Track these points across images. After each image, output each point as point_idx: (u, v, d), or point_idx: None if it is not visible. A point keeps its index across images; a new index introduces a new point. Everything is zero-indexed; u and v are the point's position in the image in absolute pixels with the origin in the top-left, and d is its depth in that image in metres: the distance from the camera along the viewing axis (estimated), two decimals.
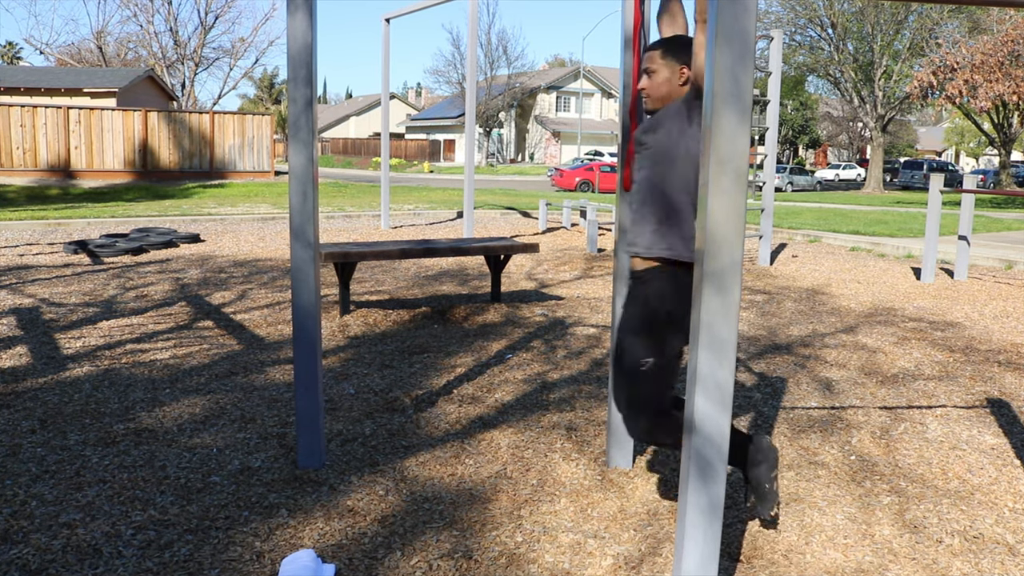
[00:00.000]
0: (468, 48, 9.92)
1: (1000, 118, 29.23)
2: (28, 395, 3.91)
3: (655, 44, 2.59)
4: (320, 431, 3.10)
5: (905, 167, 37.74)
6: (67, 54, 42.04)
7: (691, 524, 2.05)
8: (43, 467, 3.07)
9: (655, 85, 2.57)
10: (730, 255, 1.93)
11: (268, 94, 70.04)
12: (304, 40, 2.88)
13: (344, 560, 2.46)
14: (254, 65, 60.34)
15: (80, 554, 2.45)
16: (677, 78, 2.54)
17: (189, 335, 5.20)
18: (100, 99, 26.10)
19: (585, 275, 8.08)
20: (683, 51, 2.54)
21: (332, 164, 47.75)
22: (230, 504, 2.80)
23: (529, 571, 2.42)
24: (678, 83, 2.54)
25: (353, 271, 5.83)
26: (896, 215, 17.04)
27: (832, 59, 32.24)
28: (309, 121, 2.93)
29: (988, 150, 53.00)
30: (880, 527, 2.77)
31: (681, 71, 2.53)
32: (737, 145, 1.90)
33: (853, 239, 11.43)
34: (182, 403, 3.85)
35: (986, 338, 5.64)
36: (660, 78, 2.56)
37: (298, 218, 2.97)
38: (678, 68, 2.53)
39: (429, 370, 4.52)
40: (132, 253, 8.81)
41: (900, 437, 3.65)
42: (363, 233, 11.49)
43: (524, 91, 50.17)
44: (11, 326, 5.33)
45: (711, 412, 1.99)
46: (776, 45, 9.18)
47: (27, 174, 21.62)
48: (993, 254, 9.67)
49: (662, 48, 2.57)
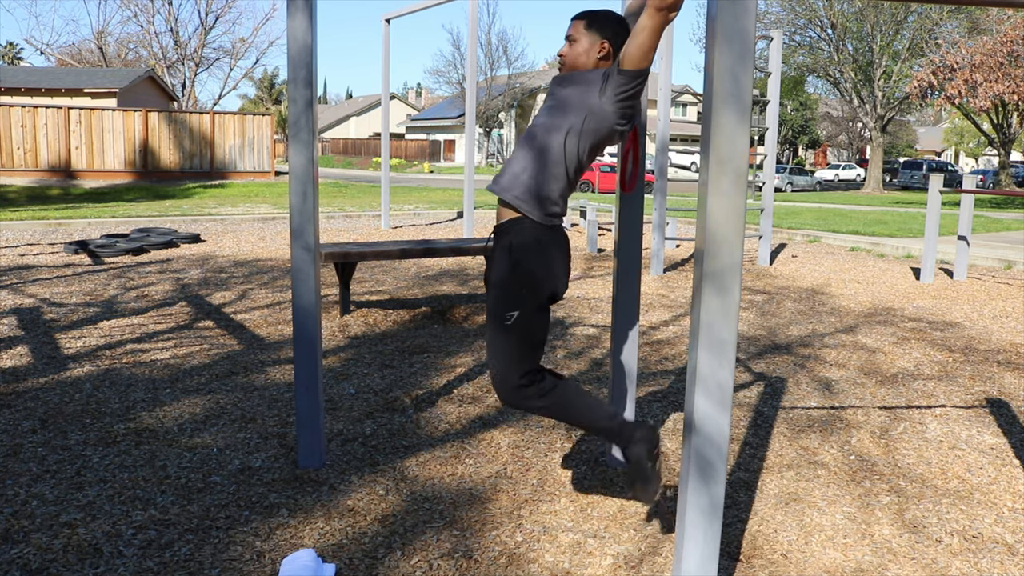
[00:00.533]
0: (468, 48, 9.93)
1: (999, 118, 29.24)
2: (29, 395, 3.92)
3: (582, 14, 2.61)
4: (320, 431, 3.10)
5: (904, 167, 37.74)
6: (68, 54, 42.07)
7: (691, 524, 2.06)
8: (44, 467, 3.07)
9: (573, 54, 2.59)
10: (730, 255, 1.93)
11: (268, 94, 70.06)
12: (304, 40, 2.88)
13: (344, 560, 2.46)
14: (254, 65, 60.36)
15: (81, 554, 2.45)
16: (596, 51, 2.56)
17: (189, 335, 5.20)
18: (101, 99, 26.12)
19: (585, 275, 8.08)
20: (607, 26, 2.56)
21: (332, 164, 47.76)
22: (230, 504, 2.80)
23: (529, 571, 2.42)
24: (596, 55, 2.56)
25: (353, 271, 5.84)
26: (896, 215, 17.05)
27: (832, 59, 32.24)
28: (309, 121, 2.94)
29: (987, 150, 53.00)
30: (880, 527, 2.77)
31: (601, 45, 2.55)
32: (737, 145, 1.90)
33: (853, 239, 11.43)
34: (183, 403, 3.85)
35: (985, 338, 5.64)
36: (579, 48, 2.57)
37: (298, 218, 2.97)
38: (599, 42, 2.55)
39: (429, 370, 4.52)
40: (133, 253, 8.81)
41: (899, 437, 3.65)
42: (363, 233, 11.49)
43: (524, 91, 50.16)
44: (12, 326, 5.34)
45: (711, 412, 2.00)
46: (776, 45, 9.18)
47: (28, 174, 21.63)
48: (992, 254, 9.68)
49: (587, 19, 2.58)
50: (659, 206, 8.29)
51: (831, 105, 50.93)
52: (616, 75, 2.43)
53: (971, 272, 8.80)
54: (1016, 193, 7.34)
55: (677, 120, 20.00)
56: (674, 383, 4.40)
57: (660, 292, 7.25)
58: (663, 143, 8.15)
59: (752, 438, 3.58)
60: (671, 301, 6.81)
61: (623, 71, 2.41)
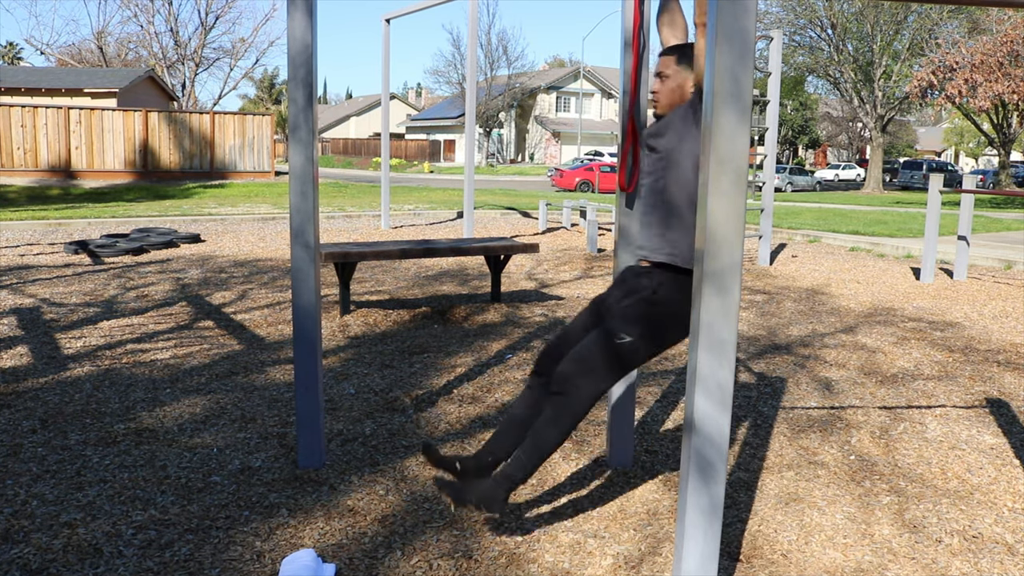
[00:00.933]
0: (468, 48, 9.93)
1: (999, 118, 29.22)
2: (29, 395, 3.92)
3: (671, 49, 2.61)
4: (320, 431, 3.10)
5: (904, 167, 37.73)
6: (68, 54, 42.05)
7: (691, 524, 2.06)
8: (44, 467, 3.07)
9: (667, 91, 2.59)
10: (730, 255, 1.93)
11: (268, 94, 70.03)
12: (304, 40, 2.88)
13: (344, 560, 2.46)
14: (254, 65, 60.36)
15: (81, 554, 2.45)
16: (689, 85, 2.57)
17: (190, 335, 5.20)
18: (101, 99, 26.11)
19: (585, 275, 8.08)
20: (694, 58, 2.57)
21: (332, 164, 47.75)
22: (230, 504, 2.80)
23: (529, 571, 2.42)
24: (689, 89, 2.57)
25: (353, 271, 5.84)
26: (895, 215, 17.05)
27: (832, 59, 32.23)
28: (309, 121, 2.94)
29: (987, 150, 53.00)
30: (879, 527, 2.77)
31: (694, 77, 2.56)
32: (737, 145, 1.90)
33: (853, 239, 11.43)
34: (182, 403, 3.85)
35: (985, 338, 5.64)
36: (672, 84, 2.58)
37: (298, 218, 2.97)
38: (692, 75, 2.56)
39: (429, 370, 4.52)
40: (133, 253, 8.81)
41: (899, 437, 3.65)
42: (363, 233, 11.49)
43: (524, 91, 50.17)
44: (12, 326, 5.34)
45: (711, 412, 1.99)
46: (776, 45, 9.18)
47: (28, 174, 21.62)
48: (992, 254, 9.68)
49: (678, 55, 2.59)
50: None
51: (831, 105, 50.91)
52: (698, 102, 2.45)
53: (971, 272, 8.80)
54: (1016, 193, 7.34)
55: None
56: (674, 383, 4.40)
57: None
58: None
59: (752, 438, 3.58)
60: None
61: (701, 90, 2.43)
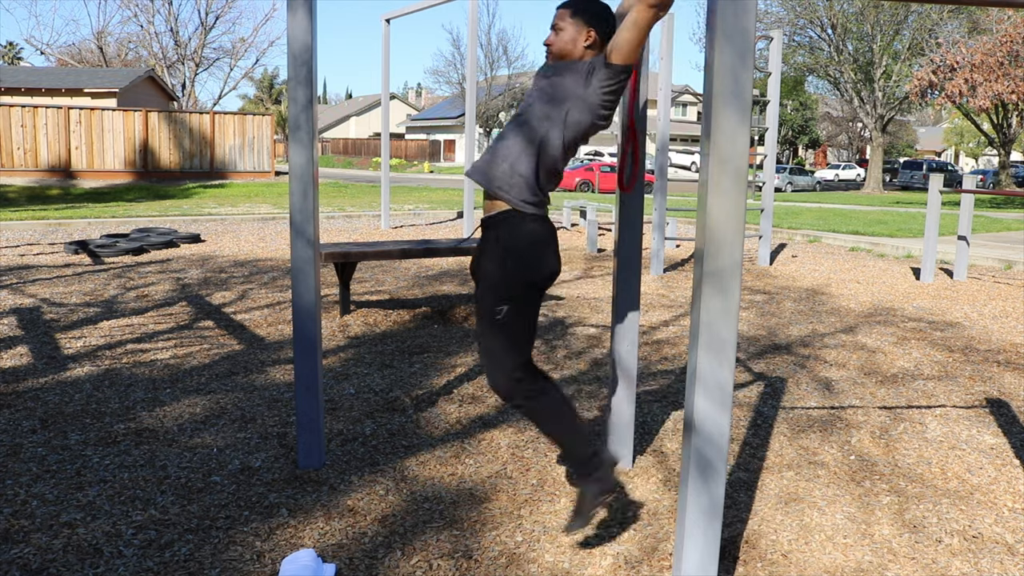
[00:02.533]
0: (468, 48, 9.92)
1: (999, 118, 29.23)
2: (29, 395, 3.92)
3: (566, 3, 2.59)
4: (320, 431, 3.10)
5: (904, 167, 37.73)
6: (68, 54, 42.06)
7: (691, 524, 2.06)
8: (44, 467, 3.07)
9: (560, 42, 2.56)
10: (730, 255, 1.93)
11: (268, 94, 70.00)
12: (304, 40, 2.88)
13: (344, 560, 2.46)
14: (254, 65, 60.38)
15: (81, 554, 2.45)
16: (583, 39, 2.53)
17: (190, 335, 5.20)
18: (101, 99, 26.11)
19: (585, 275, 8.08)
20: (592, 14, 2.54)
21: (332, 164, 47.75)
22: (230, 504, 2.80)
23: (529, 571, 2.42)
24: (582, 43, 2.53)
25: (353, 271, 5.84)
26: (895, 215, 17.05)
27: (832, 59, 32.23)
28: (309, 121, 2.94)
29: (987, 150, 52.98)
30: (880, 527, 2.77)
31: (588, 33, 2.53)
32: (737, 145, 1.90)
33: (853, 239, 11.43)
34: (182, 403, 3.85)
35: (985, 338, 5.64)
36: (566, 36, 2.55)
37: (298, 218, 2.97)
38: (585, 30, 2.53)
39: (429, 370, 4.52)
40: (133, 253, 8.81)
41: (900, 437, 3.65)
42: (363, 233, 11.49)
43: (524, 91, 50.14)
44: (12, 326, 5.34)
45: (711, 412, 1.99)
46: (776, 45, 9.18)
47: (28, 174, 21.62)
48: (992, 254, 9.68)
49: (572, 8, 2.57)
50: (659, 206, 8.29)
51: (831, 105, 50.91)
52: (602, 68, 2.41)
53: (971, 272, 8.80)
54: (1016, 193, 7.34)
55: (677, 120, 19.91)
56: (674, 383, 4.40)
57: (660, 292, 7.25)
58: (663, 143, 8.15)
59: (752, 438, 3.58)
60: (671, 301, 6.81)
61: (610, 64, 2.40)
